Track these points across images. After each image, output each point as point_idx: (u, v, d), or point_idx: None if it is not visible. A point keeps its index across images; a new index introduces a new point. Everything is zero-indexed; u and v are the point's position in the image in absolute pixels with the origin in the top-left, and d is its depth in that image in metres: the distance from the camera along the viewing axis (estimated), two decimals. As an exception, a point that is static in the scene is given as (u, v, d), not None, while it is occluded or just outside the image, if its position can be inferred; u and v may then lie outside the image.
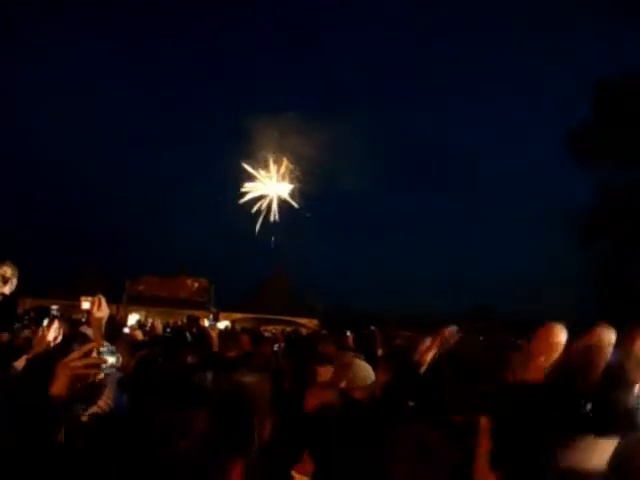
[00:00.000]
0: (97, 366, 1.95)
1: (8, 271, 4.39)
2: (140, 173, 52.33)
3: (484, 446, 2.46)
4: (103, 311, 3.12)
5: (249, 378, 1.91)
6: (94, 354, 1.95)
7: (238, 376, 1.99)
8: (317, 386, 2.90)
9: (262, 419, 1.67)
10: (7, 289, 4.48)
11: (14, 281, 4.36)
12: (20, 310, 19.28)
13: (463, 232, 53.05)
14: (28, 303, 24.67)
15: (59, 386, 1.88)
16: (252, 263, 33.88)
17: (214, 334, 5.05)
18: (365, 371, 3.50)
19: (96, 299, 3.14)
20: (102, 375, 2.01)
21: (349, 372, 3.38)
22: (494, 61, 57.84)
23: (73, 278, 30.72)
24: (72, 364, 1.92)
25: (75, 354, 1.93)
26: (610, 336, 2.56)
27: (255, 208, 27.24)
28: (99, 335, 2.99)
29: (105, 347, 1.98)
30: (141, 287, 30.46)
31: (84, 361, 1.93)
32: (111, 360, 1.98)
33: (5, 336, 5.66)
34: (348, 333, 7.58)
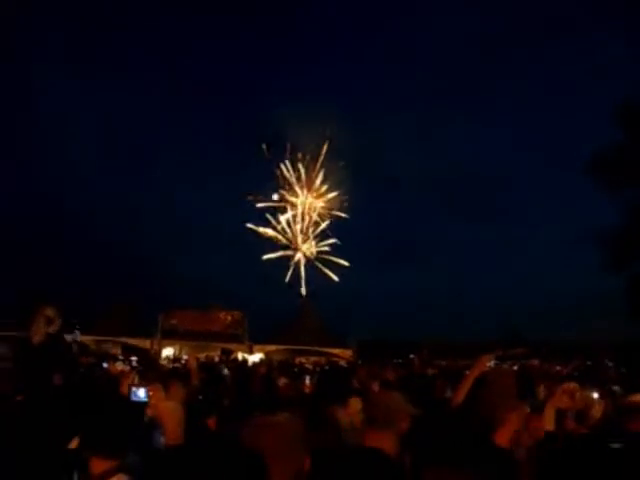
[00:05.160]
0: None
1: (52, 312, 4.60)
2: (171, 207, 53.30)
3: None
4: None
5: (276, 418, 1.83)
6: None
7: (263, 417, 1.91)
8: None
9: (287, 463, 1.62)
10: (52, 329, 4.69)
11: (57, 321, 4.57)
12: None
13: (495, 259, 52.36)
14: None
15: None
16: (283, 293, 33.96)
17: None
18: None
19: None
20: None
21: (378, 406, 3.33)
22: (524, 88, 57.72)
23: (105, 313, 31.12)
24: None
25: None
26: None
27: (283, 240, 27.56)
28: None
29: None
30: (174, 321, 30.62)
31: None
32: None
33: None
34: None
